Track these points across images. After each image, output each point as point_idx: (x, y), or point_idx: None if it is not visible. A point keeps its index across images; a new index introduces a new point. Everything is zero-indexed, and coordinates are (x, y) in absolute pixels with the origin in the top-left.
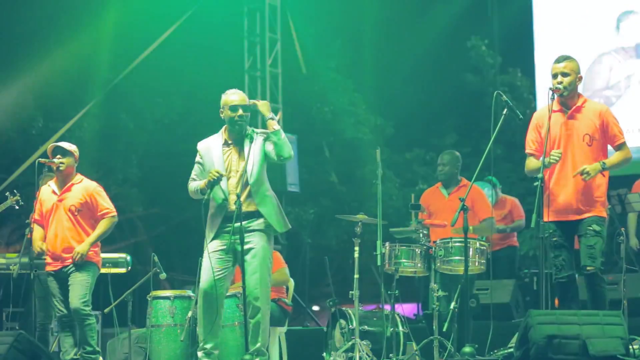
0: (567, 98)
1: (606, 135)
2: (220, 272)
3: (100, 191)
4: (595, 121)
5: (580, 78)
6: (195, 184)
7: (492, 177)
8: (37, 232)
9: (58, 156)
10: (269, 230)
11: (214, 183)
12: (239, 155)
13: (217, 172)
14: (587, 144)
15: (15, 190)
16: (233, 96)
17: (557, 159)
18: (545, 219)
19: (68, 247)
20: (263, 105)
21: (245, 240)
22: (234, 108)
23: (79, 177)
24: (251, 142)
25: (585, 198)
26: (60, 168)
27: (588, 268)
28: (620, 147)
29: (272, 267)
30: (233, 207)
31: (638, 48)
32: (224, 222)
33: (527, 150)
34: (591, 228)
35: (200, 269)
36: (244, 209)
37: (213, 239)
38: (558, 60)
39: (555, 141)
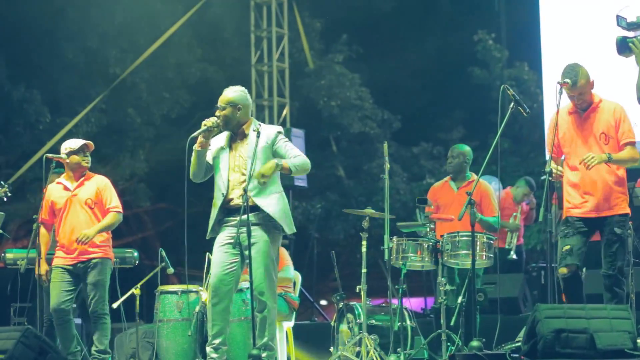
0: (582, 102)
1: (616, 132)
2: (229, 267)
3: (111, 187)
4: (610, 119)
5: (588, 81)
6: (193, 155)
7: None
8: (42, 238)
9: (87, 153)
10: (273, 223)
11: (209, 131)
12: (243, 152)
13: (214, 119)
14: (604, 142)
15: (2, 182)
16: (221, 96)
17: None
18: (567, 215)
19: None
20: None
21: (252, 233)
22: (215, 108)
23: (89, 172)
24: (257, 137)
25: (605, 196)
26: (88, 165)
27: (609, 272)
28: (627, 145)
29: (278, 261)
30: (236, 201)
31: (618, 18)
32: (227, 216)
33: (548, 152)
34: (612, 232)
35: (207, 264)
36: (249, 203)
37: (219, 233)
38: (565, 74)
39: (573, 141)
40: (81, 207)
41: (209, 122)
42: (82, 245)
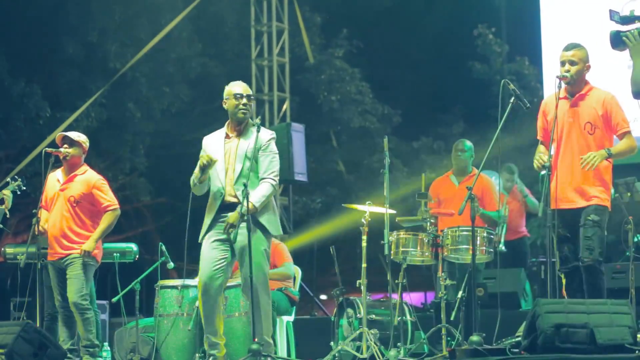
0: (574, 86)
1: (609, 123)
2: (218, 263)
3: (101, 185)
4: (597, 109)
5: (589, 67)
6: (193, 176)
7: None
8: (42, 218)
9: (65, 145)
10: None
11: (203, 168)
12: (238, 149)
13: (208, 157)
14: (589, 132)
15: (16, 176)
16: (237, 87)
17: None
18: (552, 207)
19: (65, 237)
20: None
21: (242, 230)
22: (238, 96)
23: (83, 168)
24: (258, 131)
25: (586, 186)
26: (67, 158)
27: (585, 260)
28: (624, 136)
29: (269, 255)
30: (230, 199)
31: (611, 12)
32: (220, 212)
33: (537, 137)
34: (590, 218)
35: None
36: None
37: (210, 229)
38: (567, 48)
39: (559, 129)
40: (65, 203)
41: (203, 160)
42: (86, 257)
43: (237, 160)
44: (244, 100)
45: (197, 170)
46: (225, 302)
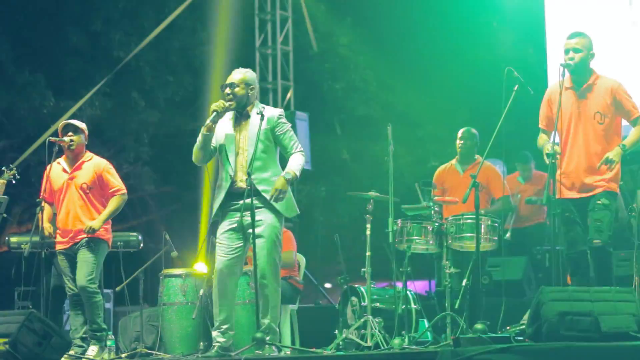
0: (579, 75)
1: (620, 111)
2: (234, 252)
3: (110, 169)
4: (606, 98)
5: (593, 55)
6: (199, 138)
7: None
8: (45, 212)
9: (69, 134)
10: (278, 207)
11: (216, 116)
12: (247, 134)
13: (223, 104)
14: (599, 122)
15: (10, 165)
16: (231, 75)
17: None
18: (559, 196)
19: (80, 225)
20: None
21: (256, 215)
22: (222, 87)
23: (88, 154)
24: (261, 119)
25: (596, 175)
26: (72, 147)
27: (595, 241)
28: (636, 121)
29: (281, 244)
30: (240, 184)
31: None
32: (230, 199)
33: (540, 125)
34: (600, 202)
35: (212, 248)
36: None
37: (223, 217)
38: (570, 37)
39: (566, 120)
40: (77, 191)
41: (218, 107)
42: (89, 232)
43: (248, 144)
44: (227, 90)
45: (208, 120)
46: None
